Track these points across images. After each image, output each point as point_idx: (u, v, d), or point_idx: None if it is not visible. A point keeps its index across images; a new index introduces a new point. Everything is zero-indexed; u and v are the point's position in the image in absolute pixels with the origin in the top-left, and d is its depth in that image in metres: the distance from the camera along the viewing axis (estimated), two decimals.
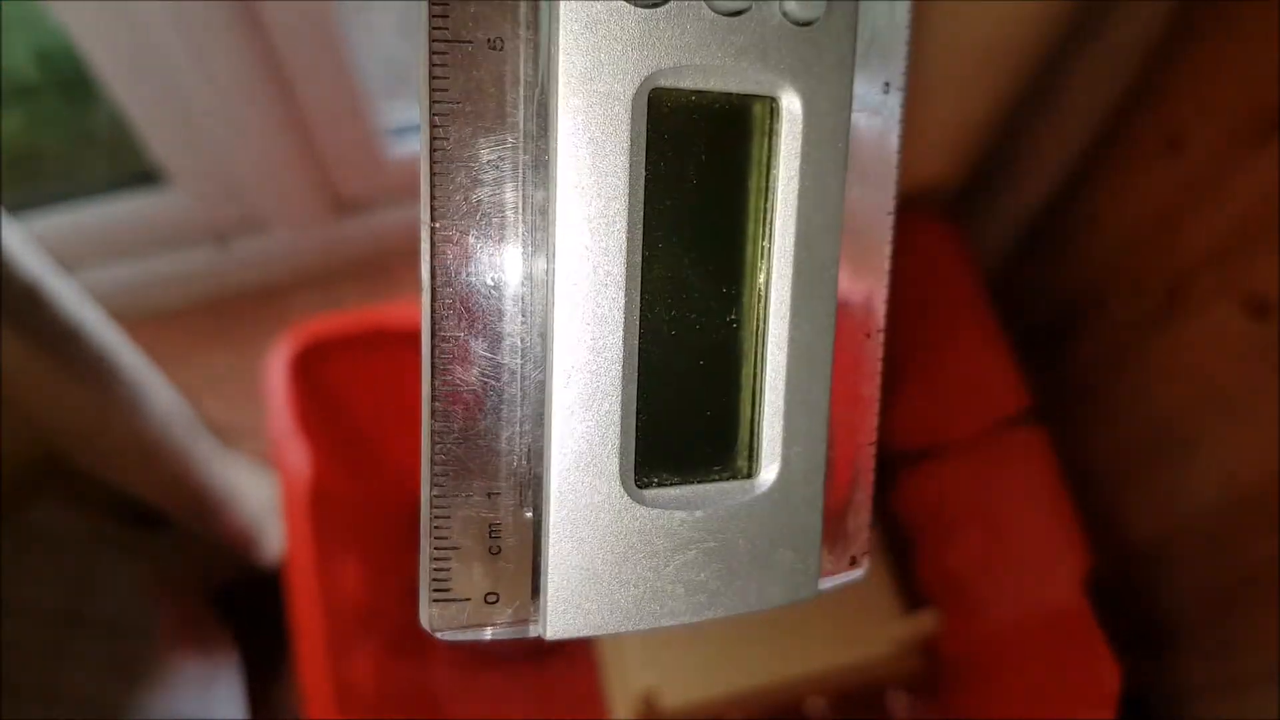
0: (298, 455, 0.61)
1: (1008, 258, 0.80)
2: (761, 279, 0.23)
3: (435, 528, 0.22)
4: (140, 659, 0.64)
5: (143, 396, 0.54)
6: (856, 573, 0.26)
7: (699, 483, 0.23)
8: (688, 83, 0.21)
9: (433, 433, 0.21)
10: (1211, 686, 0.66)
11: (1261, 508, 0.58)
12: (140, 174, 0.75)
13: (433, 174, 0.20)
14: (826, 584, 0.25)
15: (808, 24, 0.21)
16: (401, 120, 0.77)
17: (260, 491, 0.71)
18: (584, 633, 0.22)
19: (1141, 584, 0.70)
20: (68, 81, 0.71)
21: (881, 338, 0.25)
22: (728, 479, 0.24)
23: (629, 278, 0.21)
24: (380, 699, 0.65)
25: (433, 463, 0.21)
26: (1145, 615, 0.70)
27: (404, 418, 0.68)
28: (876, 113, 0.24)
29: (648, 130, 0.21)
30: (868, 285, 0.25)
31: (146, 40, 0.62)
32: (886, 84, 0.24)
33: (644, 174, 0.21)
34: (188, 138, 0.71)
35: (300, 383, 0.63)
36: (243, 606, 0.74)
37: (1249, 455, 0.59)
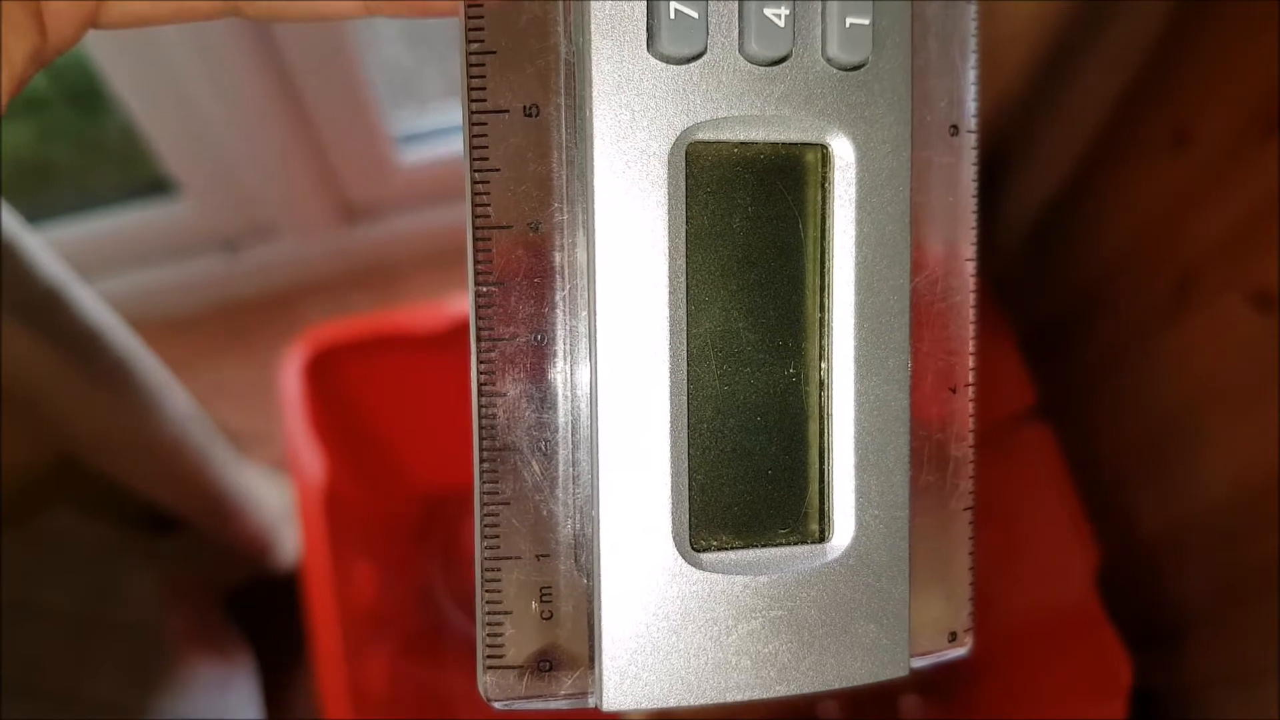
0: (312, 459, 0.62)
1: (1014, 253, 0.80)
2: (823, 330, 0.22)
3: (487, 591, 0.21)
4: (157, 662, 0.64)
5: (161, 400, 0.54)
6: (959, 651, 0.24)
7: (764, 547, 0.22)
8: (728, 135, 0.21)
9: (481, 495, 0.21)
10: (1222, 680, 0.66)
11: (1271, 501, 0.58)
12: (151, 183, 0.76)
13: (475, 239, 0.20)
14: (920, 662, 0.23)
15: (855, 68, 0.21)
16: (410, 127, 0.77)
17: (275, 496, 0.71)
18: (644, 705, 0.21)
19: (1151, 578, 0.70)
20: (79, 92, 0.71)
21: (971, 392, 0.24)
22: (796, 543, 0.22)
23: (673, 332, 0.21)
24: (393, 701, 0.66)
25: (483, 525, 0.21)
26: (1155, 609, 0.70)
27: (417, 422, 0.69)
28: (945, 155, 0.23)
29: (687, 184, 0.21)
30: (948, 336, 0.23)
31: (158, 51, 0.63)
32: (954, 126, 0.23)
33: (684, 228, 0.21)
34: (198, 147, 0.71)
35: (314, 387, 0.64)
36: (257, 610, 0.74)
37: (1257, 449, 0.59)
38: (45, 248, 0.44)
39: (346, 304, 0.80)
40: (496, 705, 0.21)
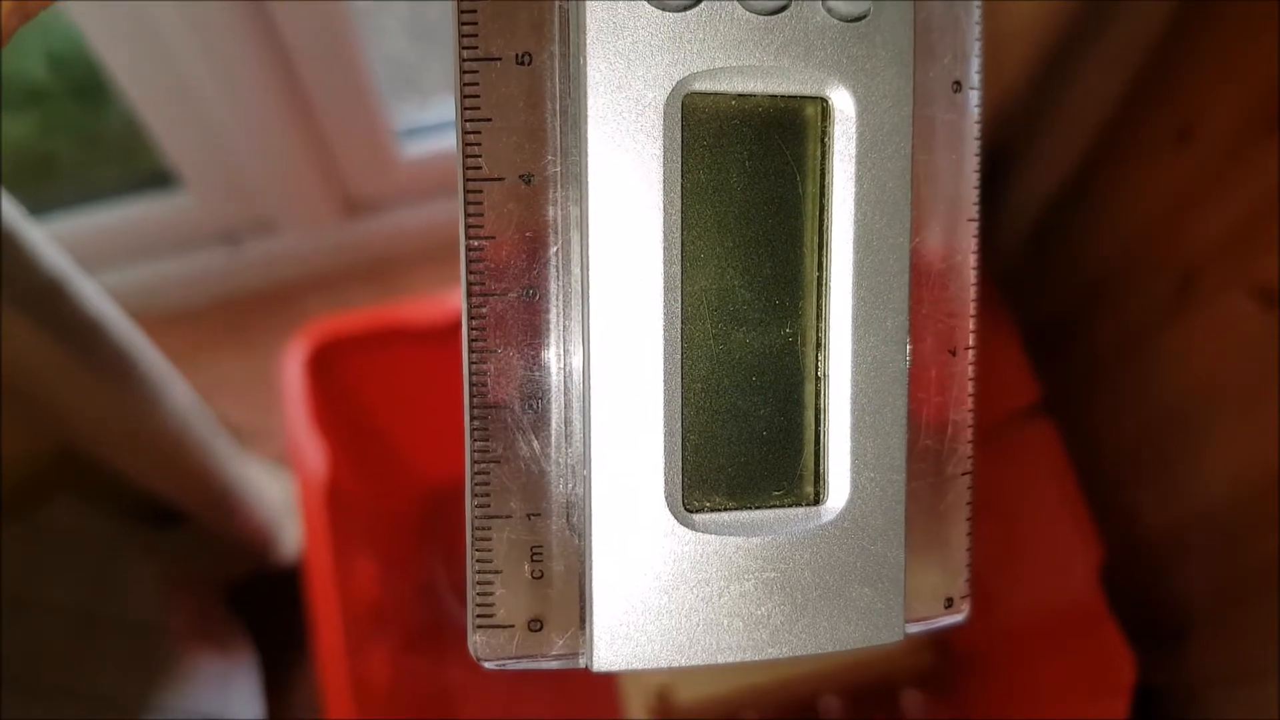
0: (314, 453, 0.62)
1: (1016, 252, 0.80)
2: (820, 290, 0.22)
3: (477, 550, 0.21)
4: (158, 657, 0.64)
5: (162, 392, 0.54)
6: (955, 618, 0.24)
7: (757, 508, 0.22)
8: (726, 86, 0.20)
9: (472, 453, 0.21)
10: (1223, 679, 0.66)
11: (1272, 500, 0.58)
12: (152, 176, 0.76)
13: (466, 191, 0.20)
14: (916, 628, 0.23)
15: (856, 20, 0.20)
16: (412, 122, 0.77)
17: (276, 490, 0.71)
18: (634, 665, 0.21)
19: (1152, 577, 0.70)
20: (80, 85, 0.71)
21: (971, 355, 0.23)
22: (790, 505, 0.22)
23: (667, 289, 0.20)
24: (395, 696, 0.65)
25: (473, 483, 0.21)
26: (1156, 608, 0.70)
27: (419, 415, 0.69)
28: (948, 112, 0.22)
29: (683, 136, 0.20)
30: (948, 298, 0.23)
31: (160, 43, 0.63)
32: (957, 83, 0.22)
33: (680, 182, 0.20)
34: (200, 140, 0.71)
35: (316, 381, 0.64)
36: (259, 604, 0.74)
37: (1258, 447, 0.59)
38: (47, 240, 0.44)
39: (348, 298, 0.80)
40: (487, 665, 0.21)
